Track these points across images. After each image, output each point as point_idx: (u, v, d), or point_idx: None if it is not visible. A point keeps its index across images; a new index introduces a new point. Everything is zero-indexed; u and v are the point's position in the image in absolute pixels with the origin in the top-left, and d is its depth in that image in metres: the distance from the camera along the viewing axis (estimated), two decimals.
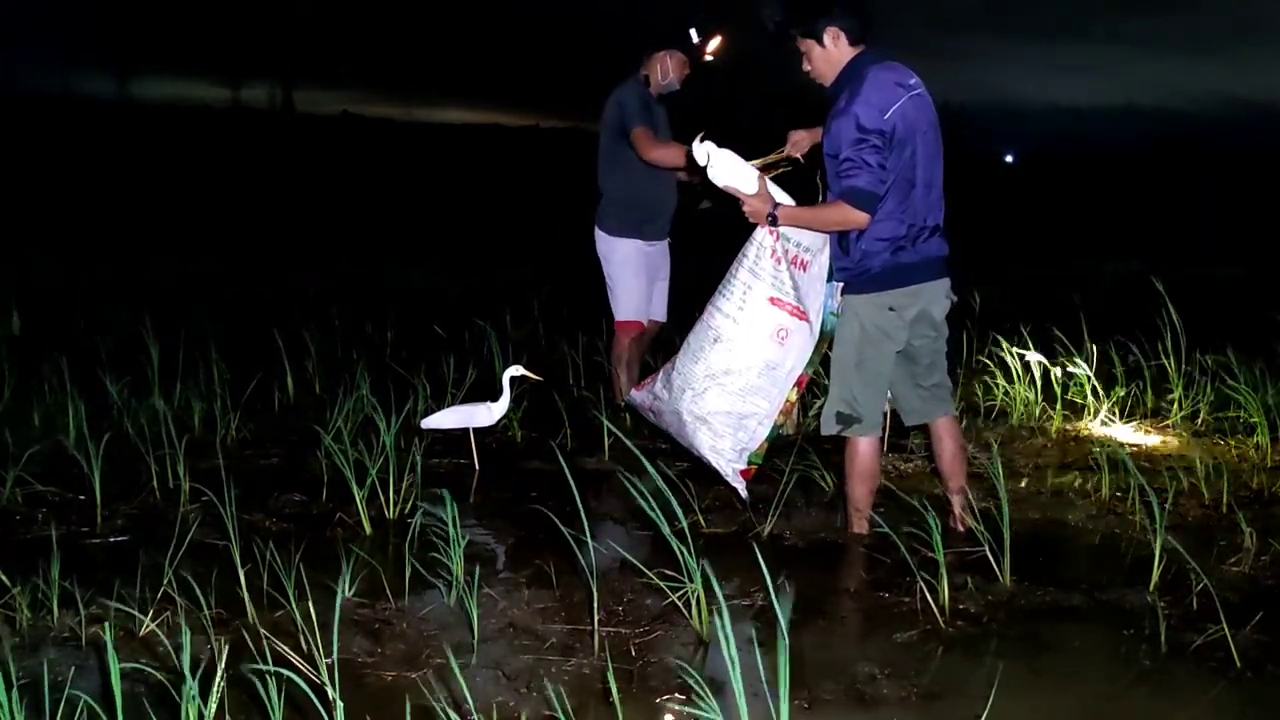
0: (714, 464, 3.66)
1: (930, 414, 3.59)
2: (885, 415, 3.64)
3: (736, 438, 3.61)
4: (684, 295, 5.33)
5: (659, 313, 5.06)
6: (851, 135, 3.22)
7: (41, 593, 2.85)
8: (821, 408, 4.03)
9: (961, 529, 3.50)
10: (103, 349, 5.37)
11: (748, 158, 3.62)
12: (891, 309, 3.39)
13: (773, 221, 3.44)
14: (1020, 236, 15.28)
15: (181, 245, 11.11)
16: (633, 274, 4.86)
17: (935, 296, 3.45)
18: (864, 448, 3.48)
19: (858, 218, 3.25)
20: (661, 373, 3.83)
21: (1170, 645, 2.81)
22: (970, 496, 3.57)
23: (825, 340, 3.63)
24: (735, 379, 3.57)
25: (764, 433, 3.63)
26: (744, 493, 3.71)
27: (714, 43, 4.81)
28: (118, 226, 12.55)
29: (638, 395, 3.98)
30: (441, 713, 2.17)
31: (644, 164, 4.65)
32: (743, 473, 3.67)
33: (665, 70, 4.72)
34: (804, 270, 3.61)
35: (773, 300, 3.55)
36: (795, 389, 3.64)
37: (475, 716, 2.26)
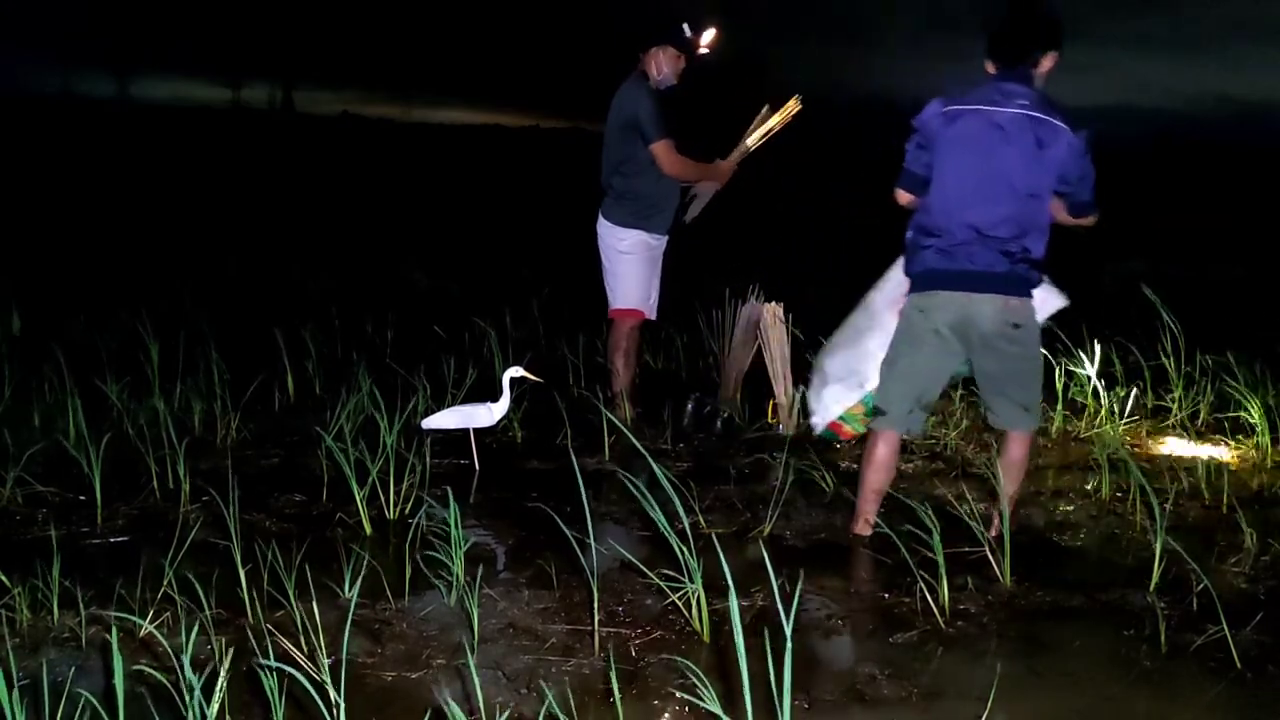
0: (810, 407, 4.08)
1: (1005, 424, 3.51)
2: (922, 418, 3.54)
3: (834, 389, 3.92)
4: (682, 295, 5.32)
5: (650, 311, 5.04)
6: None
7: (41, 593, 2.85)
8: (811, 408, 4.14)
9: (992, 534, 3.37)
10: (103, 349, 5.36)
11: None
12: (921, 310, 3.40)
13: None
14: None
15: (181, 245, 11.11)
16: (637, 264, 4.85)
17: (979, 312, 3.30)
18: (881, 438, 3.50)
19: (900, 195, 3.47)
20: None
21: (1170, 645, 2.82)
22: (1007, 507, 3.37)
23: None
24: (854, 339, 3.86)
25: (858, 395, 3.87)
26: (817, 431, 4.12)
27: (708, 35, 4.77)
28: (117, 226, 12.54)
29: None
30: (441, 713, 2.16)
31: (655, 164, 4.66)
32: (833, 426, 4.02)
33: (660, 66, 4.68)
34: None
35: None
36: None
37: (476, 716, 2.26)
